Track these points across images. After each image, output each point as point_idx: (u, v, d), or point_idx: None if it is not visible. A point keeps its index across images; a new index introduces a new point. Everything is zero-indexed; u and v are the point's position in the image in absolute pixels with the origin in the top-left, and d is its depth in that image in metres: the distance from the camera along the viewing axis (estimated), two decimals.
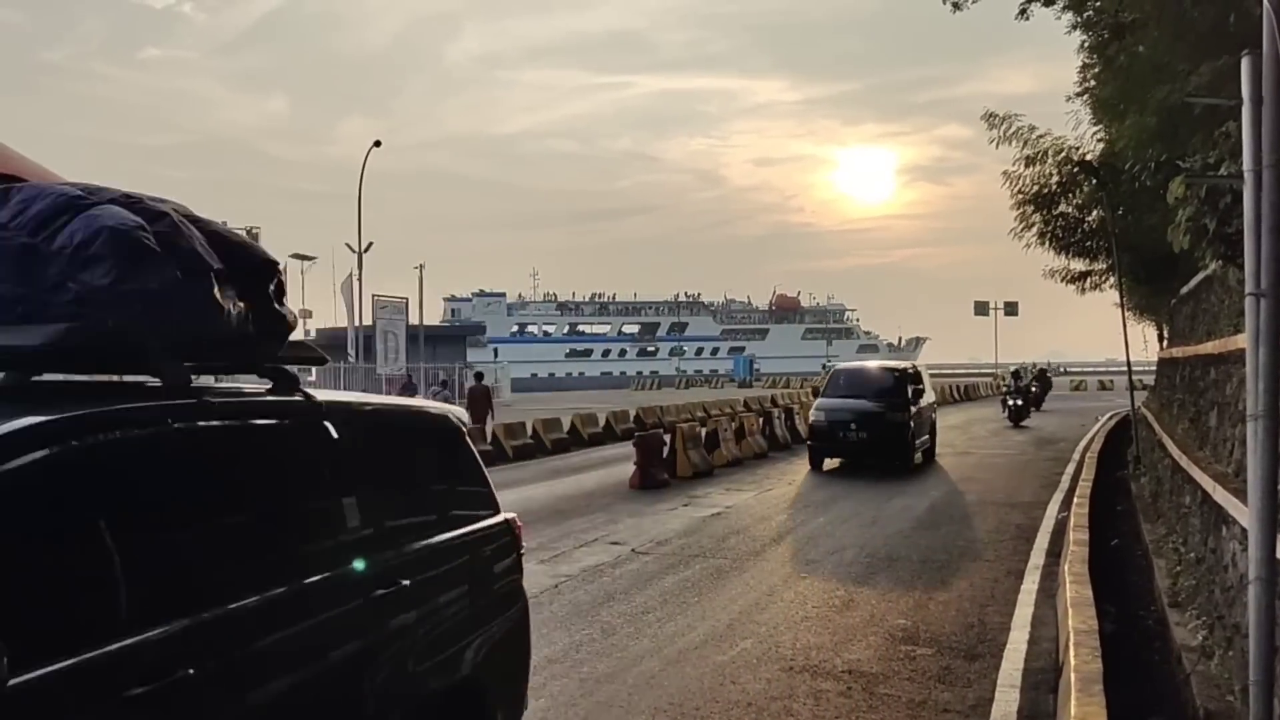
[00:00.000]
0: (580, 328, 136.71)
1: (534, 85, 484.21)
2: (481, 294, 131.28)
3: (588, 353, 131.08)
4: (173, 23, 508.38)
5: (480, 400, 25.72)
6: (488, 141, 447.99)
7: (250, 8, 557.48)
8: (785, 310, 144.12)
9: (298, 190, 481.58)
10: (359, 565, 3.68)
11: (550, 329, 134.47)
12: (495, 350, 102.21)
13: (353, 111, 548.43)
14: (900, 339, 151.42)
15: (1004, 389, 35.29)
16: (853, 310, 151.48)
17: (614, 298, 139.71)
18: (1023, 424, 31.79)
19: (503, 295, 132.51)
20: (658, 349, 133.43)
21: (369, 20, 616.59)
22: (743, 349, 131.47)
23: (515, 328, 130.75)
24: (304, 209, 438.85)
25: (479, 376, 28.71)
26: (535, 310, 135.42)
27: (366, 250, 47.54)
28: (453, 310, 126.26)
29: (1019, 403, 32.35)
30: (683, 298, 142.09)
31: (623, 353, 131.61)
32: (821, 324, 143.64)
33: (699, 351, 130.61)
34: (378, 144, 48.69)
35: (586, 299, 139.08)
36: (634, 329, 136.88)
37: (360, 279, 47.16)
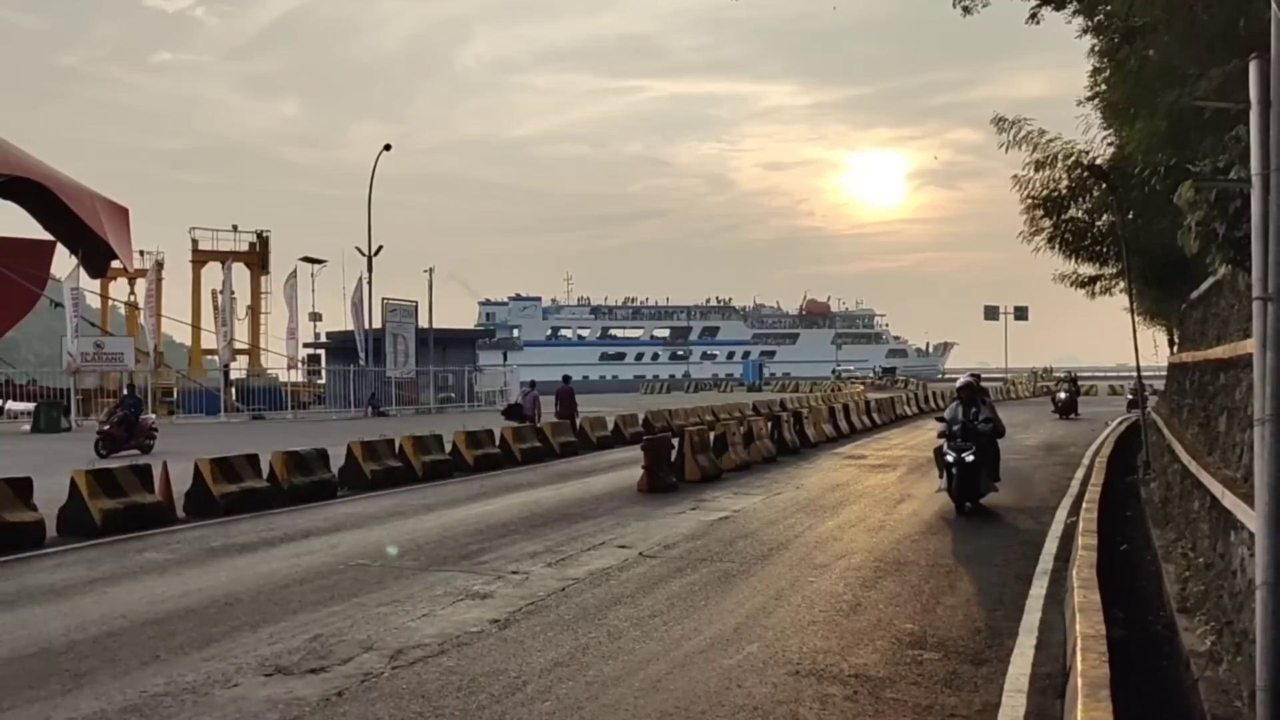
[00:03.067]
0: (612, 331, 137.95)
1: (545, 90, 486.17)
2: (517, 298, 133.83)
3: (620, 356, 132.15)
4: (186, 27, 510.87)
5: (566, 398, 29.01)
6: (499, 146, 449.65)
7: (263, 12, 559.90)
8: (815, 315, 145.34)
9: (309, 194, 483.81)
10: None
11: (584, 332, 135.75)
12: (505, 355, 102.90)
13: (365, 116, 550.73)
14: (928, 344, 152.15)
15: (945, 427, 15.03)
16: (881, 315, 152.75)
17: (646, 301, 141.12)
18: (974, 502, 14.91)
19: (538, 300, 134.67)
20: (689, 352, 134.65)
21: (381, 25, 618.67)
22: (773, 353, 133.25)
23: (549, 331, 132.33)
24: (315, 213, 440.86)
25: (566, 379, 31.07)
26: (569, 314, 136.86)
27: (376, 254, 47.77)
28: (488, 314, 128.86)
29: (966, 460, 14.37)
30: (713, 302, 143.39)
31: (655, 356, 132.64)
32: (851, 329, 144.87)
33: (730, 355, 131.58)
34: (388, 148, 49.00)
35: (619, 303, 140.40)
36: (665, 333, 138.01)
37: (370, 282, 47.39)
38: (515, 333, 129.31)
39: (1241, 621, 6.43)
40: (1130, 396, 42.56)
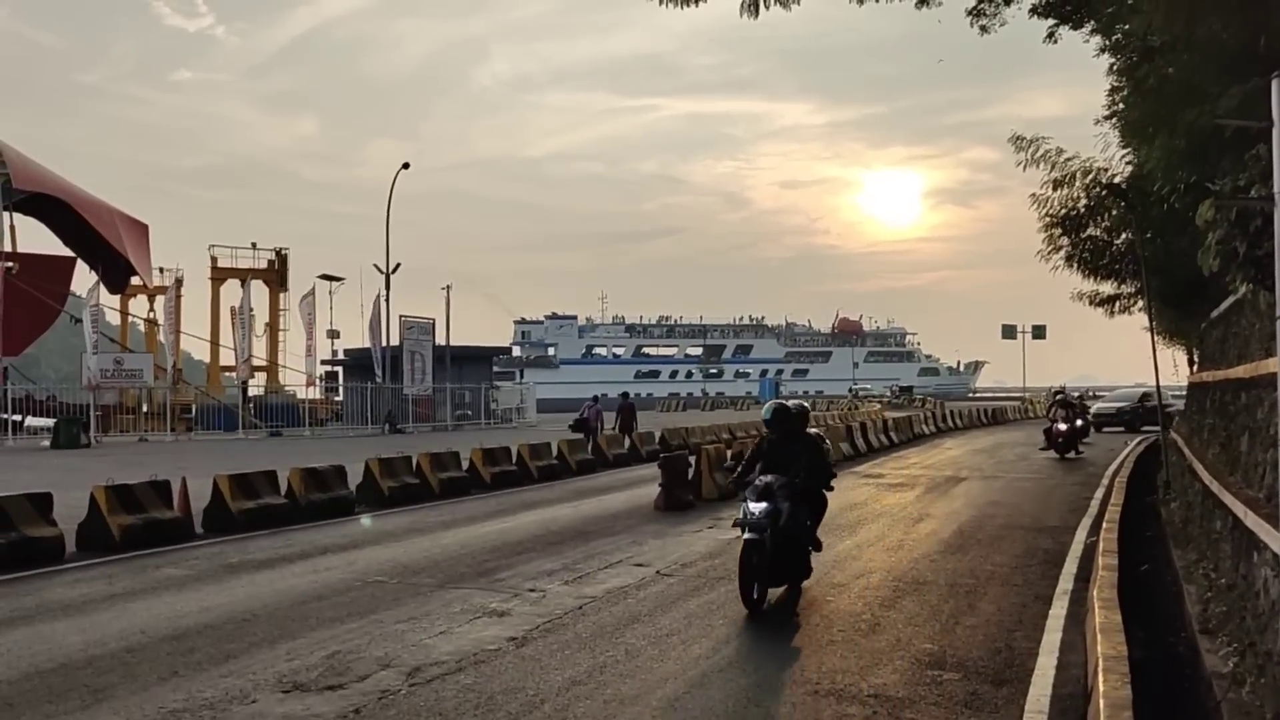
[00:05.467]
0: (645, 350, 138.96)
1: (561, 108, 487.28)
2: (554, 316, 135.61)
3: (655, 374, 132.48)
4: (205, 45, 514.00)
5: (626, 413, 31.48)
6: (515, 164, 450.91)
7: (280, 31, 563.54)
8: (847, 333, 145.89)
9: (327, 211, 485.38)
10: None
11: (619, 351, 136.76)
12: (521, 372, 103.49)
13: (382, 134, 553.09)
14: (959, 362, 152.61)
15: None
16: (913, 334, 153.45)
17: (680, 320, 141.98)
18: None
19: (574, 318, 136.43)
20: (722, 370, 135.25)
21: (398, 43, 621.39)
22: (806, 371, 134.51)
23: (585, 349, 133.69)
24: (333, 230, 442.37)
25: (626, 396, 33.55)
26: (605, 332, 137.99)
27: (394, 271, 47.95)
28: (523, 333, 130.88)
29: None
30: (745, 320, 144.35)
31: (689, 374, 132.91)
32: (883, 347, 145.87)
33: (763, 373, 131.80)
34: (406, 166, 49.28)
35: (654, 321, 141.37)
36: (698, 351, 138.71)
37: (388, 300, 47.54)
38: (551, 351, 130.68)
39: (1265, 643, 6.38)
40: (1082, 422, 31.13)
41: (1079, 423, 30.64)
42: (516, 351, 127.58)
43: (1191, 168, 11.19)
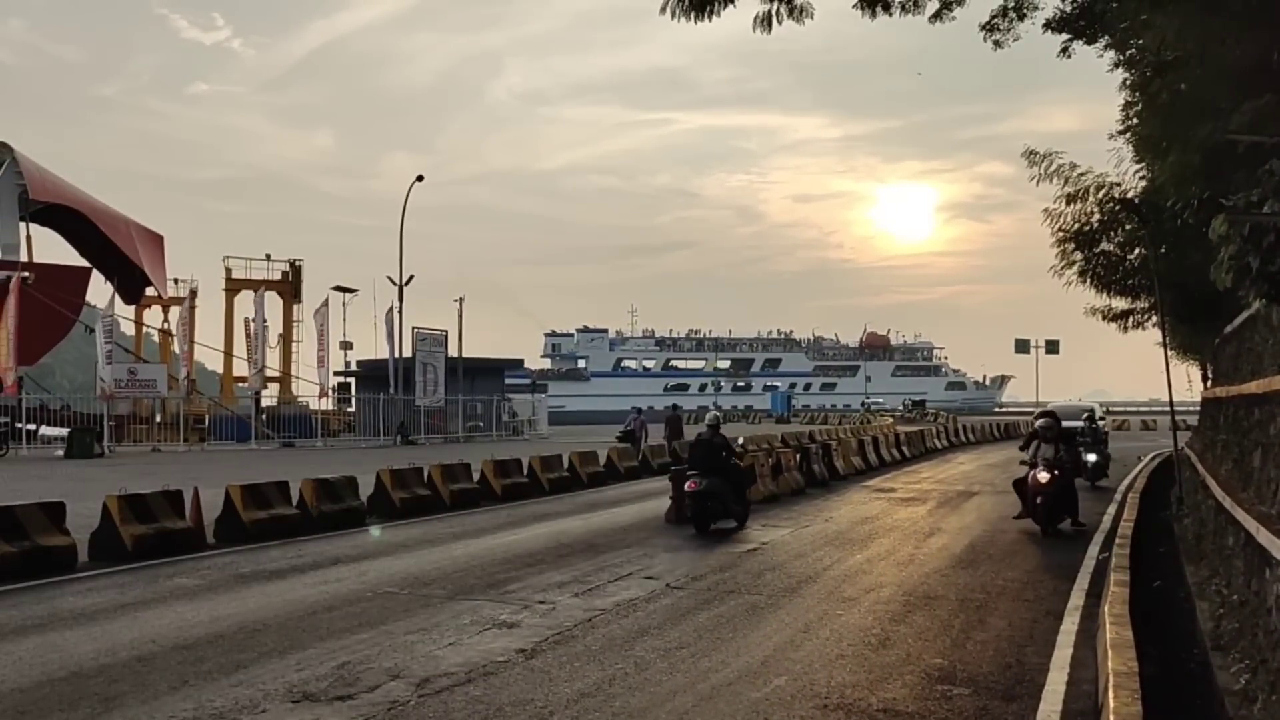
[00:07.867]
0: (675, 363, 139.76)
1: (576, 122, 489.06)
2: (585, 330, 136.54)
3: (684, 387, 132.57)
4: (222, 59, 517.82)
5: (674, 423, 33.54)
6: (530, 177, 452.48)
7: (297, 45, 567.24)
8: (875, 348, 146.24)
9: (342, 224, 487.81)
10: None
11: (649, 364, 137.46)
12: (535, 384, 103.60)
13: (397, 147, 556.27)
14: (985, 376, 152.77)
15: None
16: (940, 348, 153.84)
17: (710, 334, 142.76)
18: None
19: (605, 331, 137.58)
20: (750, 384, 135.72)
21: (414, 58, 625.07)
22: (834, 385, 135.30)
23: (615, 362, 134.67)
24: (348, 242, 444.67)
25: (674, 407, 36.54)
26: (635, 345, 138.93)
27: (408, 283, 48.14)
28: (554, 345, 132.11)
29: None
30: (774, 334, 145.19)
31: (719, 387, 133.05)
32: (910, 361, 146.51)
33: (791, 386, 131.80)
34: (420, 179, 49.52)
35: (683, 335, 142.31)
36: (727, 364, 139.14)
37: (401, 311, 47.70)
38: (582, 364, 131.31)
39: (1277, 660, 6.35)
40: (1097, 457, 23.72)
41: (1093, 457, 23.19)
42: (547, 364, 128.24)
43: (1204, 183, 11.19)
